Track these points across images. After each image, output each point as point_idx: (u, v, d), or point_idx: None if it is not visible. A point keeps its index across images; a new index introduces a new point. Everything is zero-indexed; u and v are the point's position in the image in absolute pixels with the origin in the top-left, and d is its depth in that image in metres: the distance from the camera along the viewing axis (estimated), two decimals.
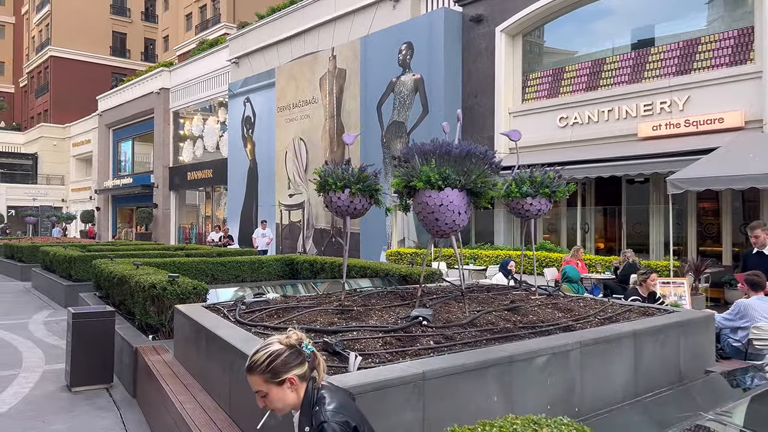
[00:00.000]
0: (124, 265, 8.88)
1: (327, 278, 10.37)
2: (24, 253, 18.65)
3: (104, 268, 8.79)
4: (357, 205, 5.04)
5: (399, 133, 18.34)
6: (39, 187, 46.41)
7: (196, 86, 31.19)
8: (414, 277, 8.31)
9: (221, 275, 10.95)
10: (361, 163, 5.43)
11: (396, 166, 4.69)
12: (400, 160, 4.65)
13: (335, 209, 5.13)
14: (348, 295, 5.37)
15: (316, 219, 21.73)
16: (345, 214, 5.13)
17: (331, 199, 5.06)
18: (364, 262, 9.85)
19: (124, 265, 8.74)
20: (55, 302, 12.59)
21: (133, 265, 8.59)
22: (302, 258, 11.55)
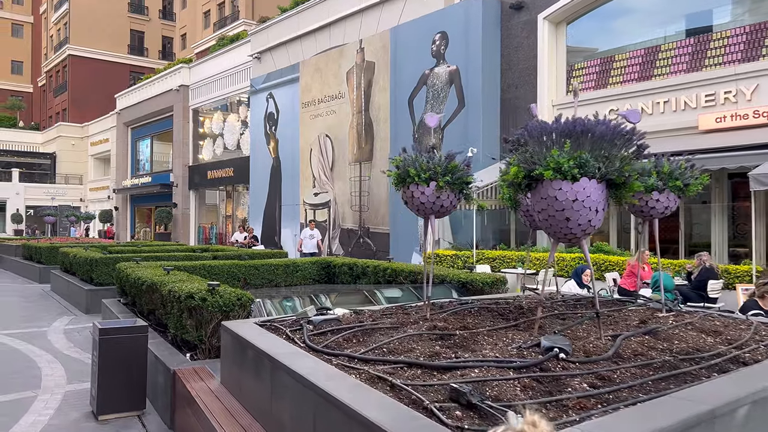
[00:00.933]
0: (152, 269, 8.05)
1: (369, 283, 9.48)
2: (42, 254, 17.98)
3: (130, 273, 7.96)
4: (444, 201, 4.12)
5: (432, 128, 17.40)
6: (57, 187, 46.07)
7: (216, 83, 30.47)
8: (476, 284, 7.38)
9: (254, 279, 10.12)
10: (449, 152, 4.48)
11: (510, 150, 3.75)
12: (514, 143, 3.70)
13: (417, 206, 4.22)
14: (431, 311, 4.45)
15: (342, 219, 20.87)
16: (429, 213, 4.22)
17: (413, 194, 4.15)
18: (413, 266, 8.93)
19: (152, 270, 7.91)
20: (75, 308, 11.82)
21: (162, 270, 7.75)
22: (340, 261, 10.67)
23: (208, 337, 5.40)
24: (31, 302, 12.93)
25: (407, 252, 17.98)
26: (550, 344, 2.99)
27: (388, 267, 9.10)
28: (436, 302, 5.21)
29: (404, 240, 18.21)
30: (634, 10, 14.79)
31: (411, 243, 17.97)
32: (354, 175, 20.39)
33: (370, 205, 19.67)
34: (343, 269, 10.33)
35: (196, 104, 32.33)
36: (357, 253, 20.03)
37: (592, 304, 4.82)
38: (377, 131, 19.47)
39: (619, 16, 15.10)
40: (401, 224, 18.36)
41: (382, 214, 19.22)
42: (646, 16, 14.50)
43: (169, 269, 7.36)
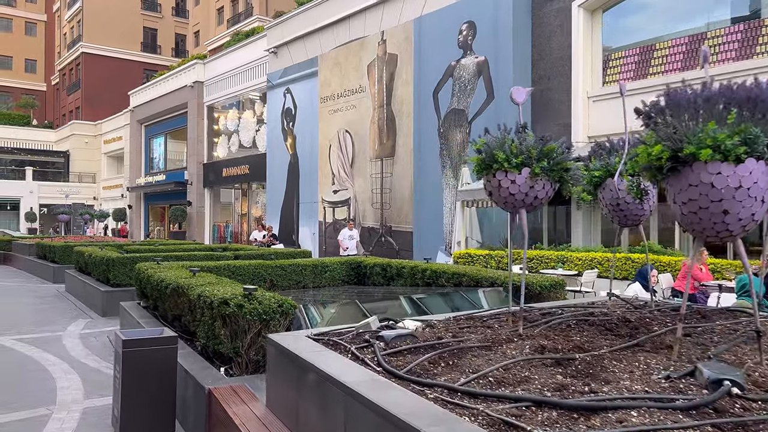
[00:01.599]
0: (176, 270, 7.41)
1: (405, 285, 8.81)
2: (57, 254, 17.47)
3: (152, 274, 7.34)
4: (539, 191, 3.44)
5: (459, 122, 16.69)
6: (71, 185, 45.78)
7: (231, 79, 29.91)
8: (534, 288, 6.67)
9: (281, 281, 9.48)
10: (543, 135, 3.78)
11: (645, 125, 3.03)
12: (650, 115, 2.98)
13: (504, 199, 3.53)
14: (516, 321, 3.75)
15: (363, 217, 20.21)
16: (519, 206, 3.52)
17: (500, 183, 3.46)
18: (454, 267, 8.23)
19: (176, 271, 7.27)
20: (91, 310, 11.24)
21: (187, 272, 7.12)
22: (371, 261, 10.00)
23: (245, 349, 4.74)
24: (46, 303, 12.38)
25: (432, 251, 17.29)
26: (717, 376, 2.29)
27: (427, 268, 8.41)
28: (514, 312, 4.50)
29: (429, 239, 17.53)
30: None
31: (436, 242, 17.28)
32: (375, 172, 19.72)
33: (393, 202, 19.00)
34: (374, 270, 9.66)
35: (210, 101, 31.80)
36: (378, 253, 19.36)
37: (700, 314, 4.09)
38: (400, 126, 18.78)
39: (658, 2, 14.31)
40: (425, 222, 17.68)
41: (405, 212, 18.54)
42: (687, 2, 13.71)
43: (195, 270, 6.71)
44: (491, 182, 3.54)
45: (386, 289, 8.72)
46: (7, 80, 60.95)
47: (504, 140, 3.47)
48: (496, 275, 7.27)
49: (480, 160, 3.55)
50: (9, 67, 61.66)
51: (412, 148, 18.21)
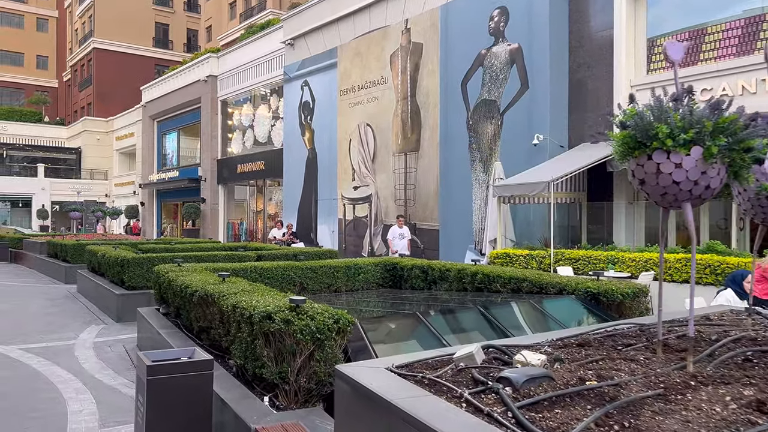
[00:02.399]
0: (201, 274, 6.59)
1: (451, 290, 7.94)
2: (68, 252, 16.76)
3: (174, 278, 6.52)
4: (712, 179, 2.53)
5: (490, 113, 15.78)
6: (83, 182, 45.26)
7: (246, 72, 29.14)
8: (613, 297, 5.77)
9: (311, 284, 8.65)
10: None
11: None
12: None
13: (664, 189, 2.61)
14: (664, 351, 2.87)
15: (385, 214, 19.36)
16: (684, 200, 2.61)
17: (658, 168, 2.56)
18: (511, 271, 7.34)
19: (201, 275, 6.45)
20: (105, 314, 10.47)
21: (214, 276, 6.30)
22: (409, 262, 9.14)
23: (294, 375, 3.89)
24: (56, 306, 11.63)
25: (459, 250, 16.43)
26: None
27: (477, 271, 7.53)
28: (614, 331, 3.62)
29: (456, 237, 16.65)
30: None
31: (464, 240, 16.41)
32: (398, 167, 18.85)
33: (417, 199, 18.13)
34: (413, 273, 8.80)
35: (224, 95, 31.05)
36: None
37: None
38: (425, 118, 17.90)
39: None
40: (453, 219, 16.80)
41: (430, 209, 17.66)
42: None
43: (225, 275, 5.88)
44: (645, 167, 2.62)
45: (430, 294, 7.87)
46: (19, 77, 60.60)
47: (665, 108, 2.58)
48: (563, 281, 6.38)
49: (628, 137, 2.66)
50: (21, 64, 61.31)
51: (438, 142, 17.33)
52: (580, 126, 14.54)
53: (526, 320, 5.21)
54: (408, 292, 8.41)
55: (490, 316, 5.00)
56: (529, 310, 5.44)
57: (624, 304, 5.74)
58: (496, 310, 5.24)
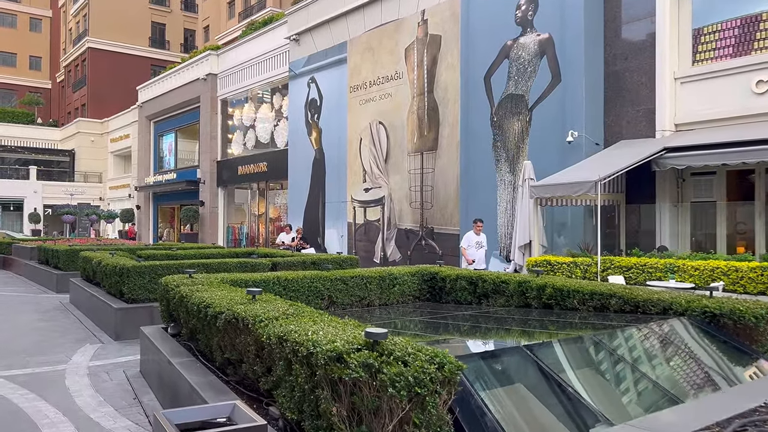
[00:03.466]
0: (221, 289, 5.41)
1: (508, 305, 6.78)
2: (60, 258, 15.51)
3: (188, 294, 5.34)
4: None
5: (517, 108, 14.66)
6: (76, 185, 43.94)
7: (247, 70, 27.96)
8: (747, 319, 4.60)
9: (341, 297, 7.48)
10: None
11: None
12: None
13: None
14: None
15: (399, 217, 18.20)
16: None
17: None
18: (591, 284, 6.14)
19: (220, 290, 5.27)
20: (101, 330, 9.26)
21: (240, 291, 5.12)
22: (452, 272, 7.97)
23: None
24: (46, 320, 10.39)
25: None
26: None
27: (545, 284, 6.35)
28: None
29: None
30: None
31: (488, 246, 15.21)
32: (414, 167, 17.70)
33: (435, 201, 16.97)
34: (458, 285, 7.63)
35: (225, 94, 29.86)
36: (417, 258, 17.36)
37: None
38: (444, 115, 16.76)
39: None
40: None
41: (449, 212, 16.51)
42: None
43: (256, 291, 4.69)
44: None
45: (492, 312, 6.69)
46: (11, 77, 59.24)
47: None
48: (666, 297, 5.21)
49: None
50: (13, 64, 59.97)
51: (458, 140, 16.19)
52: (618, 122, 13.42)
53: (658, 355, 4.03)
54: (455, 308, 7.24)
55: (624, 354, 3.81)
56: (663, 339, 4.24)
57: (757, 329, 4.58)
58: (622, 341, 4.05)
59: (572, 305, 5.93)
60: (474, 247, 11.86)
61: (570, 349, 3.73)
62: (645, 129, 12.98)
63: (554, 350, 3.58)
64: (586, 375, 3.52)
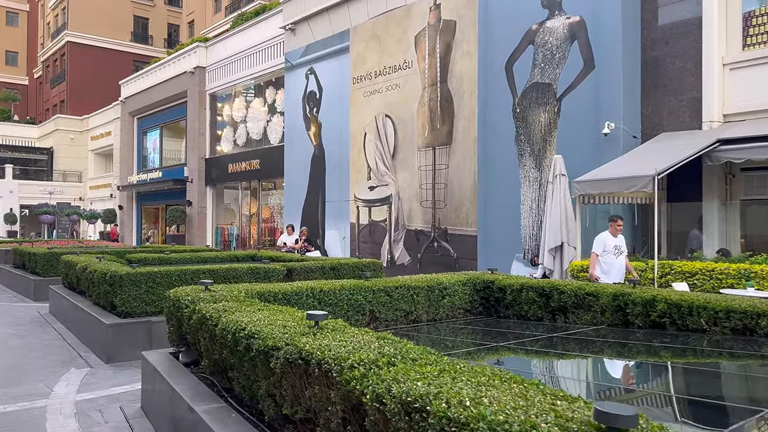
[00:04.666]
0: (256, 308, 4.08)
1: (596, 323, 5.55)
2: (38, 263, 13.98)
3: (214, 315, 4.01)
4: None
5: (543, 98, 13.46)
6: (55, 184, 42.03)
7: (238, 62, 26.51)
8: None
9: (385, 312, 6.20)
10: None
11: None
12: None
13: None
14: None
15: (408, 218, 16.91)
16: None
17: None
18: (726, 299, 4.89)
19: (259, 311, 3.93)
20: (88, 348, 7.85)
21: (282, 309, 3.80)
22: (513, 281, 6.71)
23: None
24: (22, 336, 8.93)
25: (504, 260, 14.07)
26: None
27: (653, 298, 5.11)
28: None
29: (499, 244, 14.29)
30: None
31: (509, 248, 14.04)
32: (425, 164, 16.43)
33: (448, 200, 15.72)
34: (524, 296, 6.37)
35: (214, 88, 28.36)
36: (428, 262, 16.11)
37: None
38: (459, 107, 15.52)
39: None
40: (494, 224, 14.44)
41: (465, 212, 15.27)
42: None
43: (319, 317, 3.36)
44: None
45: (577, 331, 5.44)
46: None
47: None
48: None
49: None
50: None
51: (475, 134, 14.96)
52: (657, 112, 12.28)
53: None
54: (528, 326, 5.97)
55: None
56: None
57: None
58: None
59: (696, 325, 4.70)
60: (612, 253, 8.65)
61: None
62: (689, 120, 11.85)
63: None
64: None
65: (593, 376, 3.98)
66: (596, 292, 5.61)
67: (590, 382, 3.84)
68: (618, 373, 4.13)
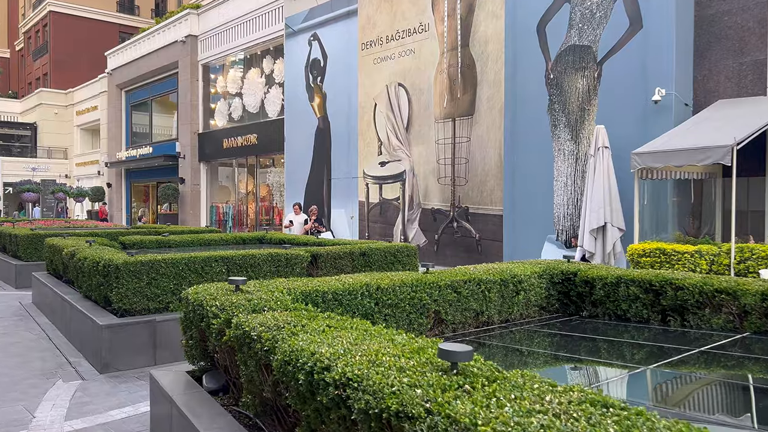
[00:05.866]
0: (317, 324, 2.79)
1: (733, 328, 4.33)
2: (20, 246, 12.58)
3: (268, 339, 2.72)
4: None
5: (581, 62, 12.15)
6: (39, 161, 40.28)
7: (233, 30, 24.86)
8: None
9: (452, 313, 5.04)
10: None
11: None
12: None
13: None
14: None
15: (424, 195, 15.64)
16: None
17: None
18: None
19: (317, 328, 2.64)
20: (78, 351, 6.56)
21: (331, 317, 2.50)
22: (604, 272, 5.49)
23: None
24: (1, 333, 7.61)
25: (534, 242, 12.90)
26: None
27: None
28: None
29: (528, 225, 13.08)
30: None
31: (540, 229, 12.84)
32: (443, 137, 15.12)
33: (470, 176, 14.45)
34: (621, 292, 5.15)
35: (206, 58, 26.70)
36: (447, 242, 14.90)
37: None
38: (483, 73, 14.17)
39: None
40: (523, 202, 13.21)
41: (489, 189, 14.01)
42: None
43: (463, 355, 2.07)
44: None
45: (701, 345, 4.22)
46: None
47: None
48: None
49: None
50: None
51: (502, 103, 13.64)
52: (713, 77, 11.01)
53: None
54: (647, 332, 4.74)
55: None
56: None
57: None
58: None
59: None
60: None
61: None
62: (750, 85, 10.59)
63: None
64: None
65: None
66: (733, 289, 4.38)
67: None
68: None
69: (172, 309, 6.32)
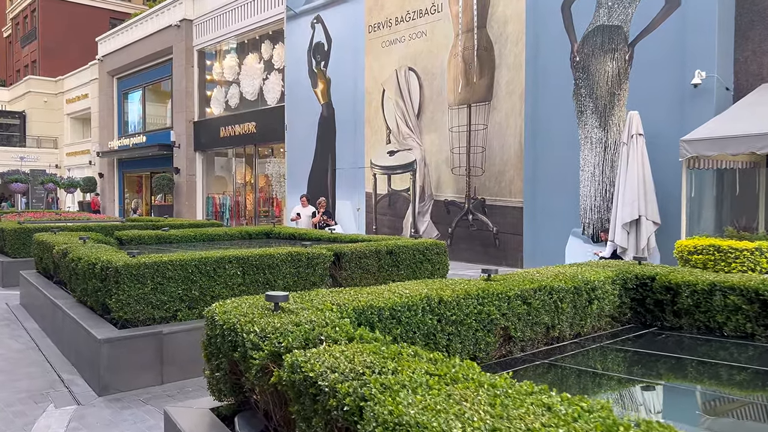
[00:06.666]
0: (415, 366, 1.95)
1: None
2: (6, 241, 11.67)
3: (353, 401, 1.89)
4: None
5: (610, 44, 11.33)
6: (28, 151, 39.12)
7: (230, 14, 23.85)
8: None
9: (521, 328, 4.33)
10: None
11: None
12: None
13: None
14: None
15: (436, 187, 14.83)
16: None
17: None
18: None
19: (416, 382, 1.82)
20: (72, 366, 5.73)
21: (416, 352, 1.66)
22: (691, 277, 4.71)
23: None
24: None
25: (557, 236, 12.15)
26: None
27: None
28: None
29: (551, 217, 12.31)
30: None
31: (564, 222, 12.08)
32: (458, 124, 14.29)
33: (487, 165, 13.65)
34: (716, 301, 4.38)
35: (202, 43, 25.67)
36: (462, 236, 14.12)
37: None
38: (501, 56, 13.33)
39: None
40: (546, 194, 12.43)
41: (508, 180, 13.22)
42: None
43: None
44: None
45: None
46: None
47: None
48: None
49: None
50: None
51: (523, 88, 12.82)
52: (757, 59, 10.22)
53: None
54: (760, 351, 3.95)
55: None
56: None
57: None
58: None
59: None
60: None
61: None
62: None
63: None
64: None
65: None
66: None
67: None
68: None
69: (180, 318, 5.50)
